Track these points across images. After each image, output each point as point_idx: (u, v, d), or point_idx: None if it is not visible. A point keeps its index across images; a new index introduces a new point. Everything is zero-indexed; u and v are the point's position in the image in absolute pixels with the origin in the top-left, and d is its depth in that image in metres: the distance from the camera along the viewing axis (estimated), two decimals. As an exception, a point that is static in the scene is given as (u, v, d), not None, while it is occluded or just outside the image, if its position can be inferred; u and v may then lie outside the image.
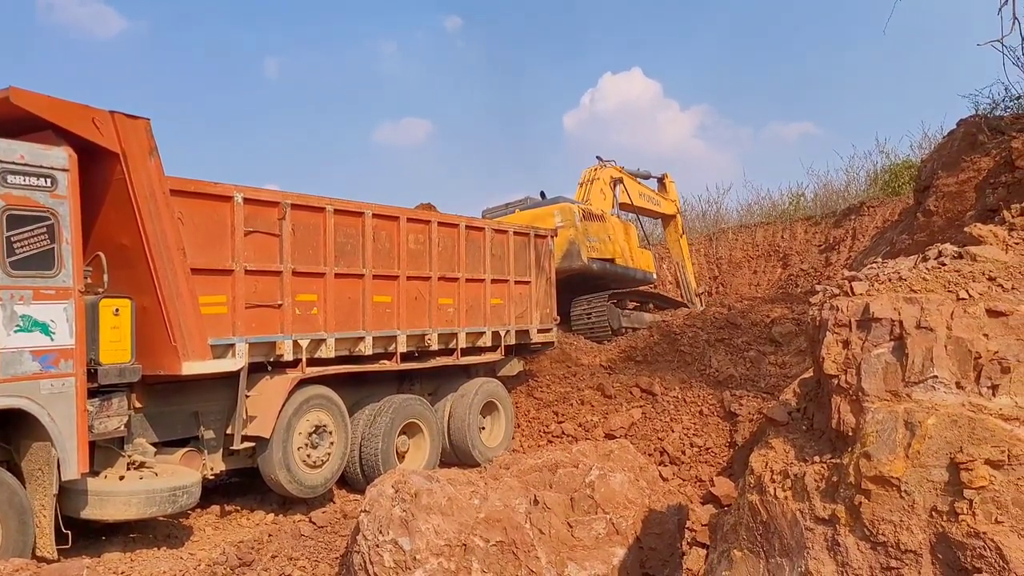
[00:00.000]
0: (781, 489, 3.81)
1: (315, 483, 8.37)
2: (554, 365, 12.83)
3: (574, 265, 14.42)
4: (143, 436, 7.31)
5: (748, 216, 24.38)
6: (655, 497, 5.81)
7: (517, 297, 11.48)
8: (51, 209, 6.20)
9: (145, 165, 6.84)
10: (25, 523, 5.91)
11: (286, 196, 8.18)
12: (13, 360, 5.91)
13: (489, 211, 15.89)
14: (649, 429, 10.57)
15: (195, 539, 7.50)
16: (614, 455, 5.99)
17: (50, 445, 6.10)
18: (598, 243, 15.13)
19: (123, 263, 6.85)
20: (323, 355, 8.57)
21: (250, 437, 7.87)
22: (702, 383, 11.13)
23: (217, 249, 7.54)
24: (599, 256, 15.07)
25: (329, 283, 8.56)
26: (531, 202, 15.63)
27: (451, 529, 5.15)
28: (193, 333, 7.17)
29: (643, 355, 12.66)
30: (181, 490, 6.94)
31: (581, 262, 14.49)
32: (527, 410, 11.96)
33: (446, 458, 10.28)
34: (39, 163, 6.14)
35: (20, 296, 5.97)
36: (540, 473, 5.80)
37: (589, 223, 15.04)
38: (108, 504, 6.62)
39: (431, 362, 10.12)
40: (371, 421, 9.19)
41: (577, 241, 14.45)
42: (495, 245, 11.03)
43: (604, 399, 11.50)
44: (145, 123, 6.86)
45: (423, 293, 9.80)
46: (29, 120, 6.31)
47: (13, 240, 5.96)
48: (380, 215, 9.24)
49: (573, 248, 14.43)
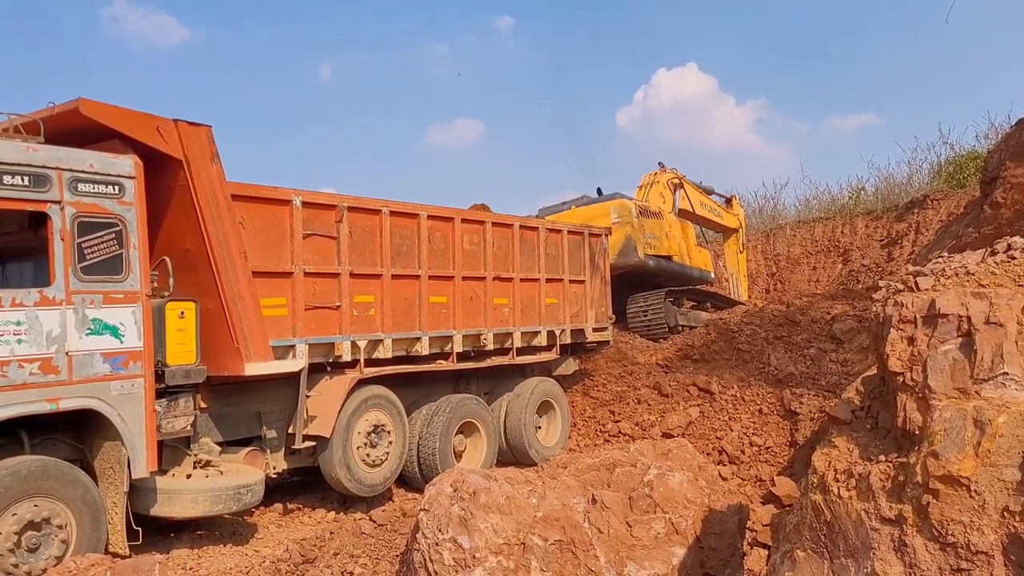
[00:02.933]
0: (845, 489, 3.74)
1: (374, 482, 8.48)
2: (610, 364, 12.78)
3: (630, 261, 14.35)
4: (208, 435, 7.50)
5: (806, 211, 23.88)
6: (715, 497, 5.74)
7: (572, 296, 11.46)
8: (119, 216, 6.39)
9: (207, 171, 7.01)
10: (98, 520, 6.12)
11: (343, 199, 8.30)
12: (85, 362, 6.12)
13: (545, 209, 15.90)
14: (707, 428, 10.46)
15: (259, 536, 7.66)
16: (672, 454, 5.94)
17: (120, 444, 6.30)
18: (655, 240, 15.03)
19: (187, 267, 7.04)
20: (380, 355, 8.68)
21: (311, 436, 8.02)
22: (761, 381, 10.97)
23: (277, 252, 7.70)
24: (655, 253, 14.96)
25: (386, 284, 8.67)
26: (587, 199, 15.59)
27: (509, 528, 5.16)
28: (255, 335, 7.33)
29: (700, 353, 12.52)
30: (245, 488, 7.09)
31: (637, 258, 14.40)
32: (583, 409, 11.94)
33: (503, 457, 10.32)
34: (107, 171, 6.35)
35: (91, 300, 6.18)
36: (598, 472, 5.78)
37: (646, 220, 14.94)
38: (176, 502, 6.80)
39: (487, 362, 10.17)
40: (428, 420, 9.28)
41: (633, 237, 14.37)
42: (549, 244, 11.03)
43: (661, 398, 11.42)
44: (207, 130, 7.04)
45: (478, 293, 9.85)
46: (97, 130, 6.52)
47: (84, 246, 6.17)
48: (435, 216, 9.32)
49: (629, 244, 14.36)
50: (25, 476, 5.74)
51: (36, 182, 5.94)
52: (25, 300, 5.84)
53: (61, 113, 6.38)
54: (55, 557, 5.83)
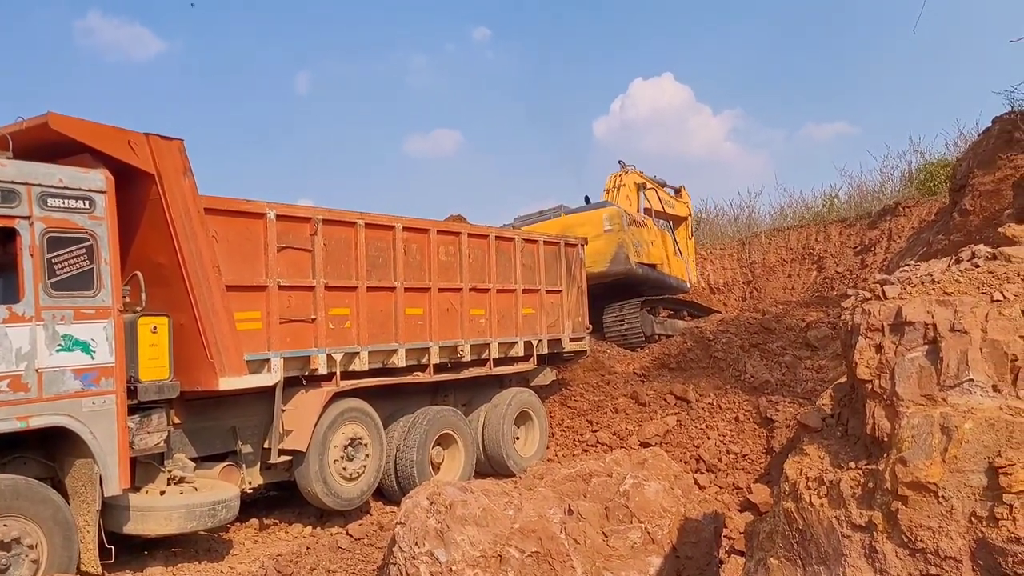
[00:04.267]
0: (817, 496, 3.77)
1: (351, 495, 8.43)
2: (587, 373, 12.80)
3: (622, 269, 14.48)
4: (182, 451, 7.42)
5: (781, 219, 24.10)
6: (691, 505, 5.77)
7: (548, 306, 11.48)
8: (90, 231, 6.33)
9: (179, 185, 6.97)
10: (70, 539, 6.03)
11: (318, 211, 8.27)
12: (55, 379, 6.04)
13: (521, 219, 15.94)
14: (684, 436, 10.50)
15: (235, 552, 7.58)
16: (648, 464, 5.97)
17: (92, 462, 6.22)
18: (642, 248, 15.18)
19: (160, 281, 6.98)
20: (357, 368, 8.64)
21: (287, 451, 7.96)
22: (737, 389, 11.04)
23: (251, 265, 7.65)
24: (643, 261, 15.11)
25: (361, 297, 8.64)
26: (565, 209, 15.65)
27: (486, 540, 5.16)
28: (229, 349, 7.28)
29: (677, 362, 12.58)
30: (220, 504, 7.03)
31: (629, 266, 14.53)
32: (561, 419, 11.95)
33: (481, 468, 10.31)
34: (77, 186, 6.29)
35: (61, 316, 6.11)
36: (574, 483, 5.80)
37: (634, 228, 15.06)
38: (149, 519, 6.73)
39: (464, 373, 10.15)
40: (406, 433, 9.24)
41: (625, 245, 14.48)
42: (525, 255, 11.05)
43: (638, 407, 11.46)
44: (179, 144, 7.00)
45: (455, 304, 9.85)
46: (67, 144, 6.47)
47: (54, 261, 6.10)
48: (411, 228, 9.31)
49: (621, 252, 14.46)
50: (-6, 496, 5.65)
51: (4, 198, 5.87)
52: (-7, 317, 5.76)
53: (30, 128, 6.32)
54: (26, 578, 5.74)
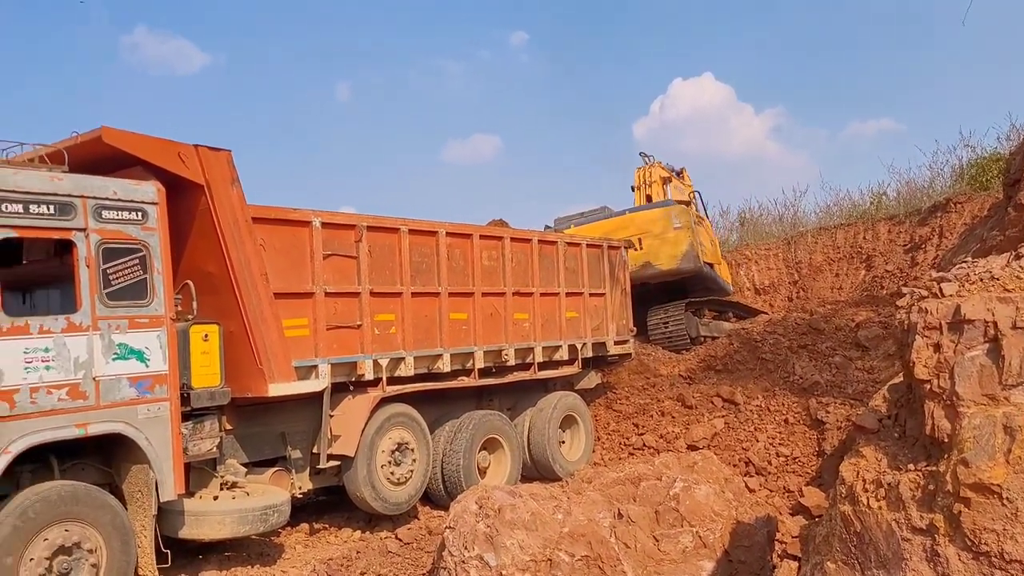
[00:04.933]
0: (875, 499, 3.70)
1: (399, 500, 8.48)
2: (632, 376, 12.73)
3: (692, 267, 14.45)
4: (234, 457, 7.53)
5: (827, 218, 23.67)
6: (742, 509, 5.70)
7: (592, 309, 11.44)
8: (143, 241, 6.47)
9: (228, 195, 7.09)
10: (128, 543, 6.15)
11: (362, 219, 8.35)
12: (112, 387, 6.18)
13: (561, 220, 15.95)
14: (733, 439, 10.38)
15: (286, 557, 7.68)
16: (698, 467, 5.91)
17: (148, 468, 6.34)
18: (704, 247, 15.11)
19: (210, 290, 7.11)
20: (402, 373, 8.69)
21: (335, 456, 8.04)
22: (786, 391, 10.88)
23: (298, 273, 7.75)
24: (707, 260, 15.03)
25: (406, 302, 8.70)
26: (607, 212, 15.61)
27: (535, 544, 5.15)
28: (278, 356, 7.38)
29: (723, 364, 12.44)
30: (272, 509, 7.12)
31: (699, 264, 14.53)
32: (607, 423, 11.89)
33: (527, 473, 10.30)
34: (130, 198, 6.43)
35: (117, 325, 6.24)
36: (623, 486, 5.76)
37: (698, 227, 15.01)
38: (203, 524, 6.84)
39: (508, 377, 10.16)
40: (452, 438, 9.27)
41: (694, 243, 14.44)
42: (568, 258, 11.03)
43: (685, 410, 11.35)
44: (227, 155, 7.12)
45: (498, 309, 9.86)
46: (119, 157, 6.62)
47: (109, 272, 6.24)
48: (454, 233, 9.35)
49: (692, 250, 14.41)
50: (55, 501, 5.79)
51: (61, 210, 6.02)
52: (52, 327, 5.92)
53: (84, 142, 6.48)
54: (85, 581, 5.87)
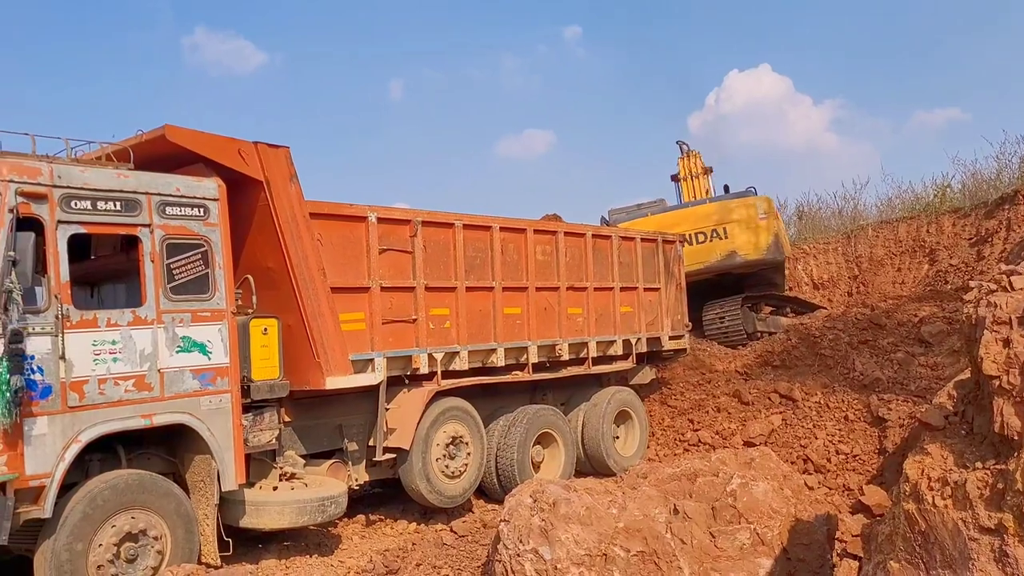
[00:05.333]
0: (940, 497, 3.60)
1: (454, 493, 8.54)
2: (687, 372, 12.61)
3: (779, 258, 14.53)
4: (293, 448, 7.67)
5: (889, 211, 23.08)
6: (801, 506, 5.60)
7: (647, 304, 11.36)
8: (204, 237, 6.62)
9: (287, 191, 7.21)
10: (191, 531, 6.32)
11: (417, 214, 8.42)
12: (176, 379, 6.34)
13: (617, 212, 15.91)
14: (790, 436, 10.21)
15: (344, 547, 7.79)
16: (755, 463, 5.82)
17: (211, 458, 6.50)
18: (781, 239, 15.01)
19: (269, 285, 7.24)
20: (457, 367, 8.75)
21: (391, 448, 8.12)
22: (846, 387, 10.66)
23: (354, 268, 7.85)
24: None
25: (460, 297, 8.75)
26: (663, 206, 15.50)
27: (590, 539, 5.14)
28: (335, 349, 7.49)
29: (781, 360, 12.25)
30: (329, 500, 7.23)
31: (783, 256, 14.63)
32: (661, 418, 11.80)
33: (581, 467, 10.28)
34: (193, 194, 6.59)
35: (180, 319, 6.41)
36: (679, 482, 5.71)
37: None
38: (263, 513, 6.97)
39: (562, 372, 10.15)
40: (506, 432, 9.30)
41: (779, 234, 14.40)
42: (623, 253, 10.96)
43: (741, 406, 11.21)
44: (285, 151, 7.24)
45: (552, 303, 9.86)
46: (182, 155, 6.78)
47: (172, 267, 6.41)
48: (507, 228, 9.37)
49: (777, 241, 14.43)
50: (123, 489, 5.97)
51: (127, 207, 6.20)
52: (119, 320, 6.09)
53: (148, 140, 6.65)
54: (151, 567, 6.04)
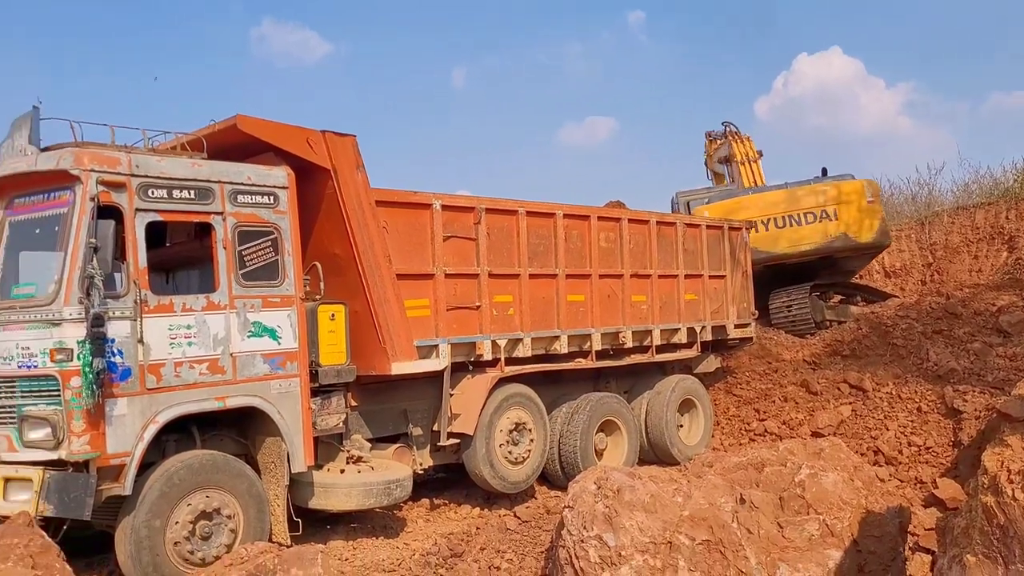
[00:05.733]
0: (1021, 490, 3.49)
1: (517, 479, 8.59)
2: (753, 361, 12.42)
3: (887, 242, 14.70)
4: (359, 432, 7.81)
5: (965, 197, 22.29)
6: (872, 498, 5.48)
7: (712, 292, 11.22)
8: (274, 224, 6.77)
9: (353, 179, 7.31)
10: (262, 511, 6.49)
11: (480, 201, 8.45)
12: (247, 362, 6.51)
13: (684, 194, 15.83)
14: (860, 427, 9.98)
15: (409, 530, 7.91)
16: (825, 453, 5.71)
17: (281, 440, 6.66)
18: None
19: (336, 271, 7.37)
20: (520, 354, 8.78)
21: (455, 434, 8.20)
22: (919, 378, 10.36)
23: (419, 255, 7.93)
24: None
25: (524, 284, 8.76)
26: (728, 191, 15.32)
27: (655, 526, 5.11)
28: (400, 335, 7.58)
29: (851, 349, 11.97)
30: (395, 483, 7.34)
31: (889, 240, 14.72)
32: (726, 407, 11.66)
33: (644, 456, 10.22)
34: (263, 182, 6.74)
35: (251, 304, 6.57)
36: (745, 471, 5.64)
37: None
38: (331, 495, 7.12)
39: (626, 360, 10.10)
40: (568, 419, 9.31)
41: (884, 218, 14.46)
42: (687, 240, 10.83)
43: (809, 396, 11.00)
44: (352, 140, 7.34)
45: (616, 291, 9.80)
46: (252, 144, 6.93)
47: (244, 254, 6.57)
48: (571, 215, 9.34)
49: (884, 225, 14.47)
50: (198, 469, 6.16)
51: (201, 195, 6.37)
52: (194, 305, 6.28)
53: (221, 129, 6.82)
54: (225, 545, 6.22)
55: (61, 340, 5.62)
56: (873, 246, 14.55)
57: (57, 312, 5.66)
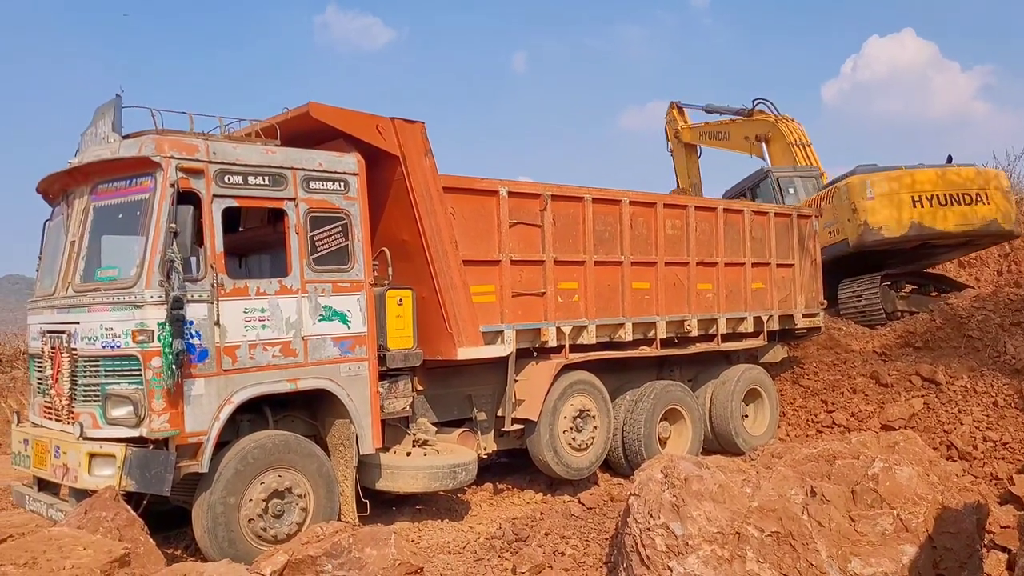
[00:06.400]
0: (1113, 490, 3.36)
1: (580, 465, 8.60)
2: (821, 351, 12.19)
3: (1019, 231, 14.36)
4: (425, 416, 7.91)
5: (1047, 184, 21.45)
6: (948, 494, 5.34)
7: (779, 281, 11.03)
8: (345, 210, 6.88)
9: (421, 165, 7.38)
10: (332, 491, 6.63)
11: (546, 187, 8.44)
12: (318, 346, 6.65)
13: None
14: (933, 421, 9.74)
15: (473, 514, 8.00)
16: (899, 447, 5.58)
17: (349, 422, 6.79)
18: None
19: (404, 257, 7.46)
20: (584, 341, 8.77)
21: (519, 420, 8.25)
22: (995, 371, 10.04)
23: (485, 241, 7.97)
24: None
25: (589, 271, 8.74)
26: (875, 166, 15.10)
27: (723, 517, 5.07)
28: (466, 321, 7.65)
29: (923, 340, 11.65)
30: (460, 467, 7.43)
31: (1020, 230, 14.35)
32: (792, 398, 11.48)
33: (708, 445, 10.14)
34: (334, 169, 6.85)
35: (322, 289, 6.70)
36: (816, 463, 5.55)
37: None
38: (398, 477, 7.24)
39: (690, 348, 10.02)
40: (632, 407, 9.28)
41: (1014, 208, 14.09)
42: (755, 227, 10.66)
43: (879, 388, 10.76)
44: (421, 126, 7.40)
45: (681, 279, 9.71)
46: (322, 131, 7.04)
47: (315, 239, 6.69)
48: (637, 202, 9.27)
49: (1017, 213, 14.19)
50: (271, 449, 6.32)
51: (275, 181, 6.51)
52: (267, 289, 6.43)
53: (294, 117, 6.94)
54: (296, 524, 6.38)
55: (143, 321, 5.81)
56: (1011, 234, 14.30)
57: (139, 294, 5.85)
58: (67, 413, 6.17)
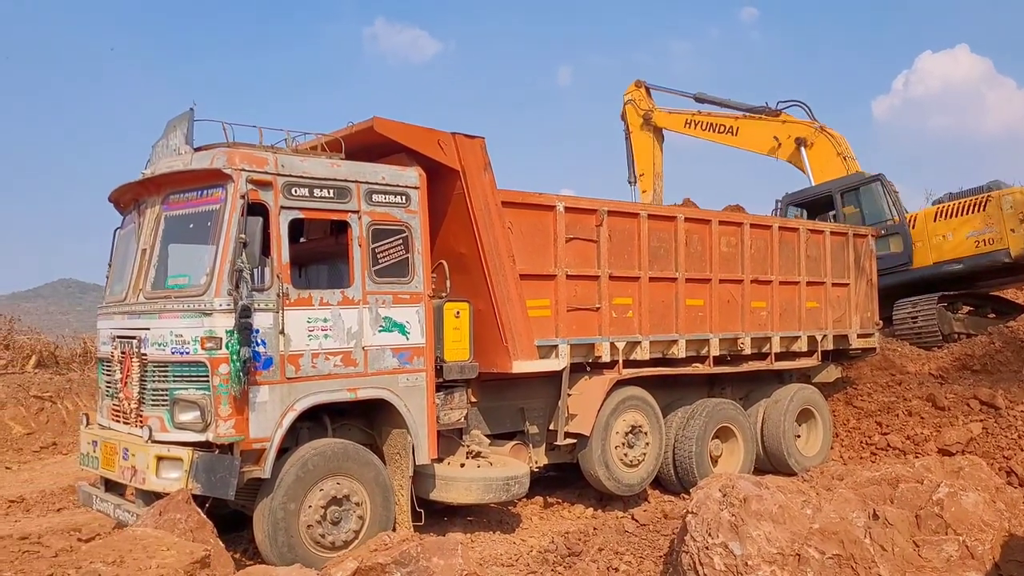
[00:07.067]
0: None
1: (632, 482, 8.59)
2: (875, 372, 12.01)
3: None
4: (478, 428, 7.98)
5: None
6: (1015, 521, 5.25)
7: (834, 300, 10.90)
8: (406, 223, 6.99)
9: (481, 180, 7.47)
10: (388, 500, 6.71)
11: (603, 203, 8.48)
12: (378, 356, 6.75)
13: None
14: (992, 446, 9.55)
15: (524, 526, 8.03)
16: (964, 472, 5.50)
17: (406, 432, 6.87)
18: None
19: (462, 270, 7.55)
20: (638, 357, 8.77)
21: (571, 434, 8.27)
22: (1058, 397, 9.82)
23: (541, 255, 8.02)
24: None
25: (643, 287, 8.75)
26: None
27: (783, 537, 5.04)
28: (522, 334, 7.70)
29: (982, 363, 11.43)
30: (513, 480, 7.47)
31: None
32: (846, 419, 11.33)
33: (759, 465, 10.03)
34: (396, 182, 6.97)
35: (383, 300, 6.81)
36: (879, 487, 5.49)
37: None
38: (452, 488, 7.30)
39: (743, 366, 9.94)
40: (684, 424, 9.23)
41: None
42: (810, 246, 10.57)
43: (935, 411, 10.57)
44: (481, 142, 7.50)
45: (735, 296, 9.67)
46: (384, 145, 7.17)
47: (377, 251, 6.81)
48: (692, 219, 9.28)
49: None
50: (330, 457, 6.42)
51: (339, 194, 6.65)
52: (330, 299, 6.56)
53: (357, 131, 7.09)
54: (353, 531, 6.47)
55: (211, 329, 5.96)
56: None
57: (208, 303, 6.01)
58: (136, 416, 6.35)
